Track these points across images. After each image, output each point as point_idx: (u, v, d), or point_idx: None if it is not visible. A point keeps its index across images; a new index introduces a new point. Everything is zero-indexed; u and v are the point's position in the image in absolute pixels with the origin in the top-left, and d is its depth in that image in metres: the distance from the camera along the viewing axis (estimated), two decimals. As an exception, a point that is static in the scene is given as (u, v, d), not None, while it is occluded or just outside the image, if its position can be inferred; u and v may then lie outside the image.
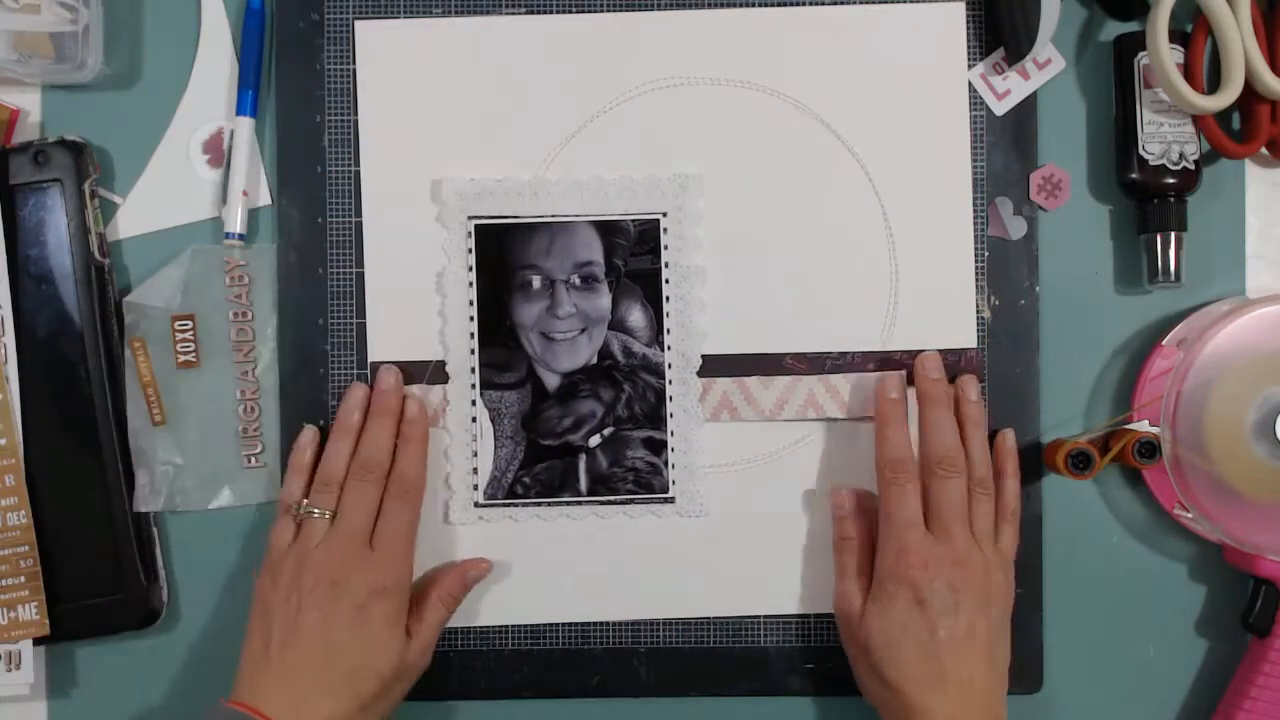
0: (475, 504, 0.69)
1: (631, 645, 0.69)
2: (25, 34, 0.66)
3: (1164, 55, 0.65)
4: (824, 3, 0.69)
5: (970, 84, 0.69)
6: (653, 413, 0.69)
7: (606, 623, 0.69)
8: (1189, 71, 0.66)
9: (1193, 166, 0.67)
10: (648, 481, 0.69)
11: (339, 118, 0.69)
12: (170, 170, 0.70)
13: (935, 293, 0.69)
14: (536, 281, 0.68)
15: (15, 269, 0.67)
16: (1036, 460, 0.69)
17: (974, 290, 0.69)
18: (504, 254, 0.68)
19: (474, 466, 0.69)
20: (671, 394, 0.68)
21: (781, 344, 0.69)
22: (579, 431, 0.69)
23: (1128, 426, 0.68)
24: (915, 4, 0.69)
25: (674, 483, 0.69)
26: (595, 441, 0.69)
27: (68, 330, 0.67)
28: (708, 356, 0.69)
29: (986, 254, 0.69)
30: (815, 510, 0.69)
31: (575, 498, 0.69)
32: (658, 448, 0.69)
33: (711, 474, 0.69)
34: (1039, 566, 0.69)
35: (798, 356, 0.69)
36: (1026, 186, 0.69)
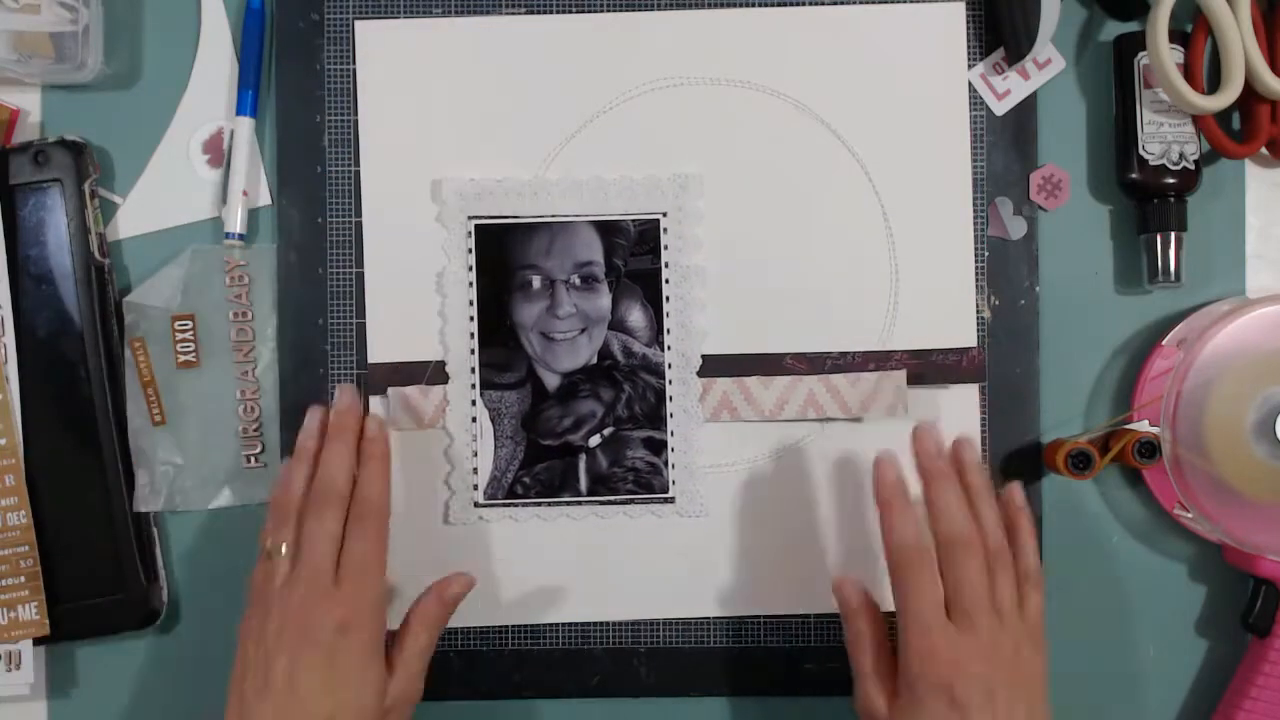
0: (475, 504, 0.69)
1: (631, 645, 0.69)
2: (25, 34, 0.66)
3: (1164, 55, 0.65)
4: (824, 3, 0.69)
5: (970, 84, 0.69)
6: (653, 413, 0.69)
7: (606, 623, 0.69)
8: (1189, 71, 0.66)
9: (1193, 166, 0.67)
10: (648, 481, 0.69)
11: (339, 118, 0.69)
12: (170, 170, 0.70)
13: (935, 293, 0.69)
14: (536, 281, 0.68)
15: (15, 269, 0.67)
16: (1036, 460, 0.69)
17: (974, 290, 0.69)
18: (504, 254, 0.68)
19: (474, 466, 0.69)
20: (671, 394, 0.68)
21: (781, 344, 0.69)
22: (579, 431, 0.69)
23: (1128, 426, 0.68)
24: (915, 4, 0.69)
25: (674, 483, 0.69)
26: (595, 441, 0.69)
27: (68, 330, 0.67)
28: (708, 356, 0.69)
29: (986, 254, 0.69)
30: (816, 510, 0.69)
31: (575, 498, 0.69)
32: (658, 448, 0.69)
33: (711, 474, 0.69)
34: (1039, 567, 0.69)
35: (798, 356, 0.69)
36: (1026, 186, 0.69)
